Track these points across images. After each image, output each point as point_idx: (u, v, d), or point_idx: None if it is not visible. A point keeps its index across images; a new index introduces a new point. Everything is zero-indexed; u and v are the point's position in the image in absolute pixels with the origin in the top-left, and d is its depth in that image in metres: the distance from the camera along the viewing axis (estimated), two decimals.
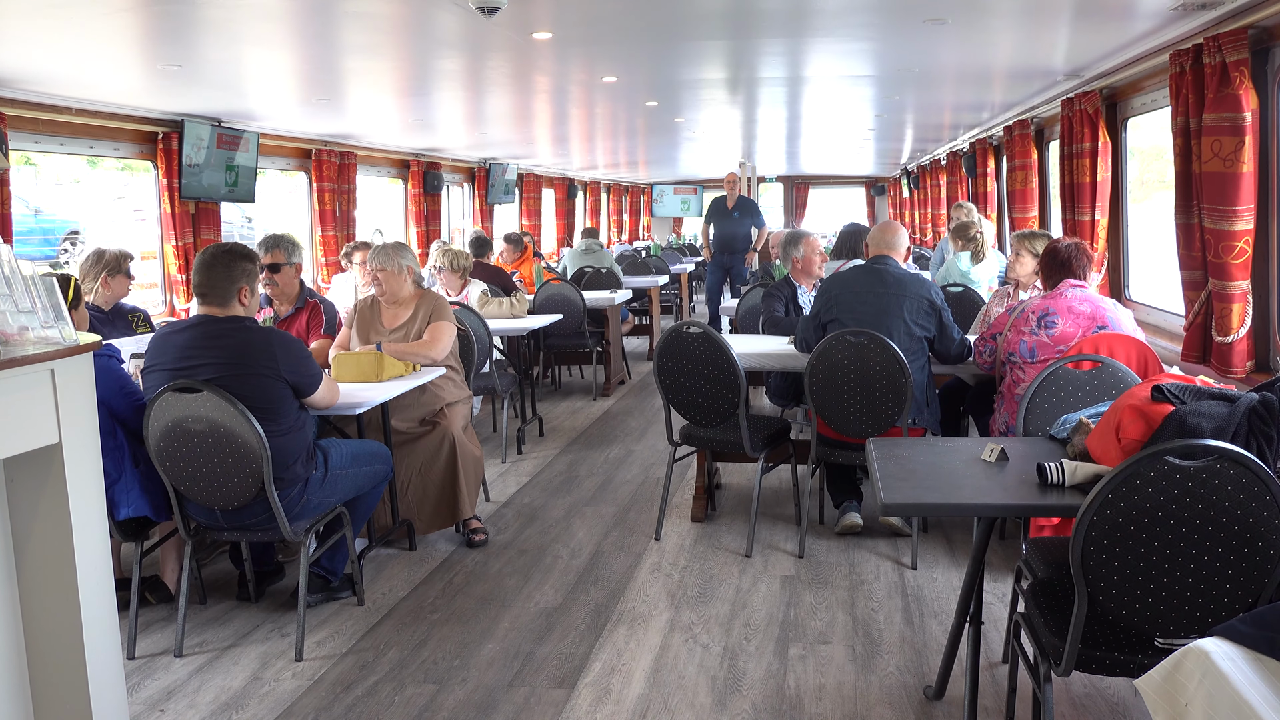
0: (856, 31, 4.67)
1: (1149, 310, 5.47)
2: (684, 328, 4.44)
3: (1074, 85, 5.97)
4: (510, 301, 6.83)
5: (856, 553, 4.39)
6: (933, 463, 2.82)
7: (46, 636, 2.45)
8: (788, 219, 20.17)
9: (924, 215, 14.03)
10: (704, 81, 6.34)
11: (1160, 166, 8.23)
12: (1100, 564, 2.22)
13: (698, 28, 4.53)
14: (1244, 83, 3.76)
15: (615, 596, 3.98)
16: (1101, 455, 2.60)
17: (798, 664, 3.37)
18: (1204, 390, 2.57)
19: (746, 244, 10.50)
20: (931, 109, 8.36)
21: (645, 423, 7.13)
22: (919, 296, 4.31)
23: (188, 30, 4.03)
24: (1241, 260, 3.86)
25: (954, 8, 4.08)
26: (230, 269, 3.46)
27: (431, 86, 6.06)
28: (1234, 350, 3.94)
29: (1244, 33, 3.77)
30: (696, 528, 4.78)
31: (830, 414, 4.25)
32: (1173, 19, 4.22)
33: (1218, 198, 3.87)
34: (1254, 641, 1.71)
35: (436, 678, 3.31)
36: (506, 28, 4.26)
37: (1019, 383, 4.01)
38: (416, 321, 4.59)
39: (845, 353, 4.15)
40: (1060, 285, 4.07)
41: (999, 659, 3.35)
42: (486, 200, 12.00)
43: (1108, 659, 2.34)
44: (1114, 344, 3.77)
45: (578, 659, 3.44)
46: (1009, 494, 2.58)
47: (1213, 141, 3.87)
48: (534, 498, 5.32)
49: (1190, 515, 2.16)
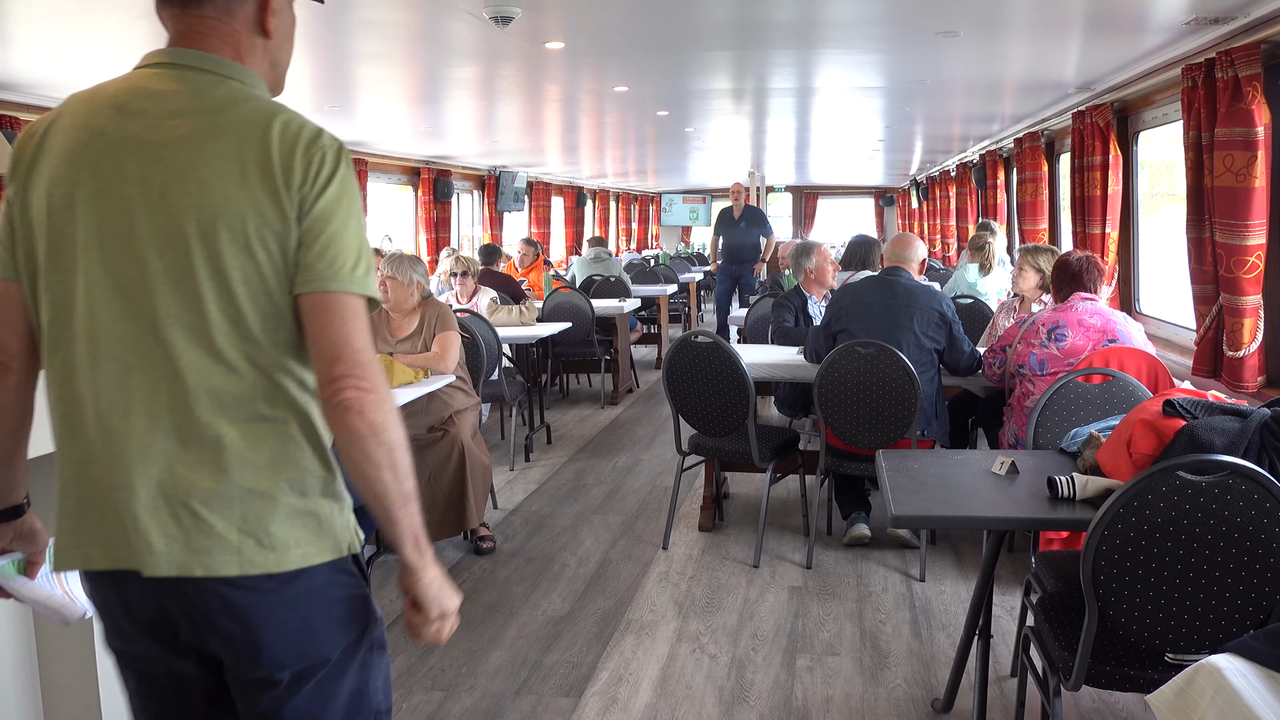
0: (867, 43, 4.69)
1: (1159, 324, 5.46)
2: (693, 337, 4.45)
3: (1085, 98, 5.97)
4: (519, 309, 6.84)
5: (865, 564, 4.38)
6: (942, 475, 2.82)
7: (57, 635, 2.46)
8: (796, 229, 20.18)
9: (933, 226, 14.02)
10: (714, 92, 6.36)
11: (1170, 179, 8.23)
12: (1111, 578, 2.21)
13: (709, 39, 4.54)
14: (1257, 97, 3.76)
15: (623, 605, 3.98)
16: (1112, 469, 2.59)
17: (805, 675, 3.36)
18: (1215, 405, 2.56)
19: (754, 254, 10.50)
20: (941, 120, 8.37)
21: (653, 431, 7.13)
22: (929, 308, 4.30)
23: None
24: (1253, 275, 3.85)
25: (966, 20, 4.09)
26: None
27: (443, 94, 6.08)
28: (1245, 365, 3.93)
29: (1257, 47, 3.77)
30: (704, 537, 4.77)
31: (839, 425, 4.24)
32: (1185, 33, 4.23)
33: (1229, 212, 3.86)
34: (1267, 658, 1.70)
35: (444, 685, 3.31)
36: (519, 37, 4.28)
37: (1029, 395, 4.00)
38: (423, 332, 4.61)
39: (855, 363, 4.15)
40: (1071, 298, 4.06)
41: (1008, 673, 3.33)
42: (496, 208, 12.03)
43: (1118, 674, 2.33)
44: (1124, 358, 3.76)
45: (585, 668, 3.44)
46: (1019, 507, 2.58)
47: (1225, 156, 3.86)
48: (542, 505, 5.32)
49: (1202, 530, 2.15)
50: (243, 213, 1.37)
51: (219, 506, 1.38)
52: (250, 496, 1.39)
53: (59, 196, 1.41)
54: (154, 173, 1.38)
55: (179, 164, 1.38)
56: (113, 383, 1.39)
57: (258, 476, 1.40)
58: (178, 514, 1.38)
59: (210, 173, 1.37)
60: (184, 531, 1.37)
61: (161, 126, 1.39)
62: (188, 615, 1.42)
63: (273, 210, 1.37)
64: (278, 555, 1.40)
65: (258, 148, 1.38)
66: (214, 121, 1.40)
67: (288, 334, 1.42)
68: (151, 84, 1.43)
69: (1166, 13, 3.93)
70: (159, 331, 1.38)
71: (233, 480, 1.38)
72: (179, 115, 1.40)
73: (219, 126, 1.39)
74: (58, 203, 1.41)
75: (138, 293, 1.38)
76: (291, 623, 1.43)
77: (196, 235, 1.36)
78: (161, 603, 1.42)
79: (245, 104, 1.42)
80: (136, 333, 1.39)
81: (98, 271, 1.39)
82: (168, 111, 1.40)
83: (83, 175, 1.40)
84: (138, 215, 1.37)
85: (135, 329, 1.39)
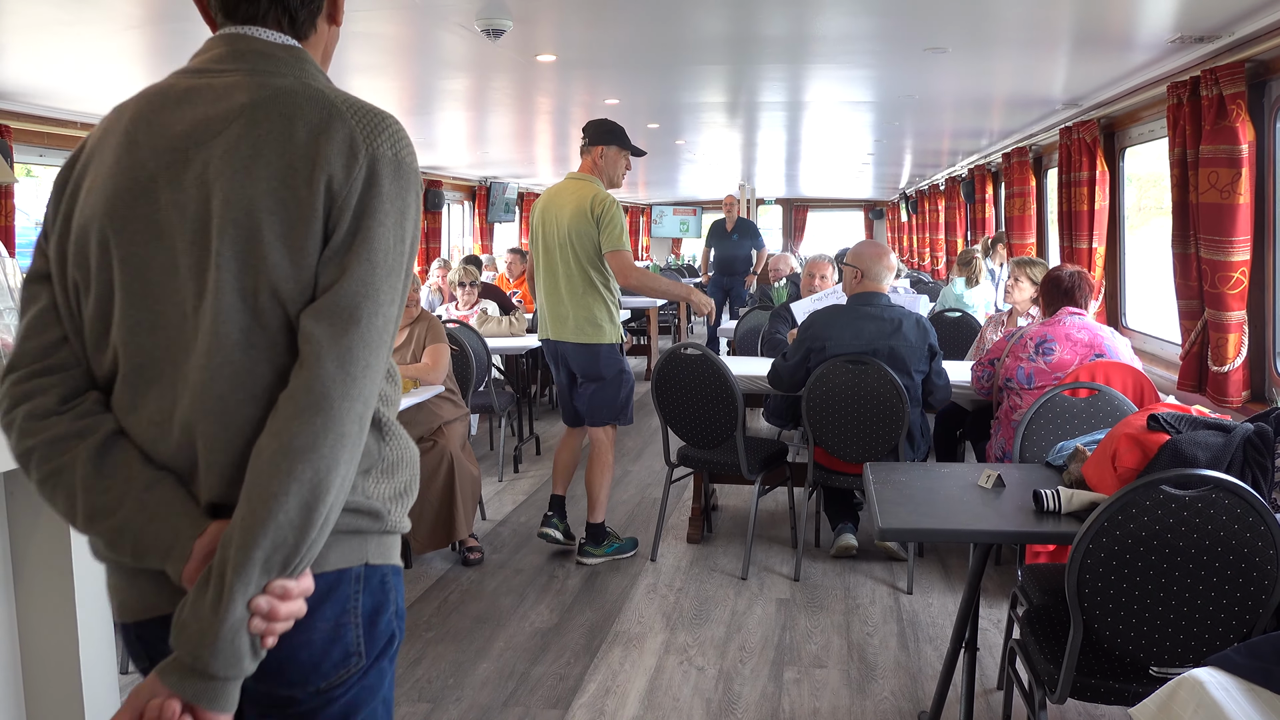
0: (857, 59, 4.72)
1: (1145, 338, 5.50)
2: (682, 349, 4.46)
3: (1072, 114, 6.02)
4: (509, 320, 6.85)
5: (852, 577, 4.39)
6: (929, 488, 2.83)
7: (43, 650, 2.45)
8: (786, 241, 20.24)
9: (922, 240, 14.08)
10: (705, 105, 6.39)
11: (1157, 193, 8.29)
12: (1095, 591, 2.23)
13: (700, 53, 4.57)
14: (1241, 115, 3.80)
15: (610, 617, 3.97)
16: (1097, 483, 2.61)
17: (792, 688, 3.36)
18: (1199, 420, 2.58)
19: (746, 266, 10.53)
20: (931, 135, 8.42)
21: (642, 443, 7.13)
22: (923, 346, 4.21)
23: (195, 48, 4.06)
24: (1238, 291, 3.88)
25: (954, 37, 4.12)
26: None
27: (435, 106, 6.10)
28: (1230, 380, 3.96)
29: (1241, 66, 3.81)
30: (692, 549, 4.78)
31: (827, 439, 4.25)
32: (1171, 51, 4.27)
33: (1214, 228, 3.90)
34: (1248, 672, 1.72)
35: (430, 696, 3.30)
36: (511, 50, 4.30)
37: (1016, 409, 4.02)
38: (413, 343, 4.64)
39: (842, 379, 4.16)
40: (1059, 313, 4.09)
41: (994, 685, 3.34)
42: (487, 218, 12.04)
43: (1102, 687, 2.34)
44: (1110, 372, 3.79)
45: (572, 680, 3.44)
46: (1005, 520, 2.59)
47: (1210, 173, 3.90)
48: (530, 517, 5.31)
49: (1185, 544, 2.17)
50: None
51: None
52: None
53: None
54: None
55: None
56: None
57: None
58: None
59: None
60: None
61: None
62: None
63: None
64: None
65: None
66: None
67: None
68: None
69: (1152, 31, 3.97)
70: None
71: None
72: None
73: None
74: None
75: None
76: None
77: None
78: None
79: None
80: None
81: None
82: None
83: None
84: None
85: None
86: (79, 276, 1.28)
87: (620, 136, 4.53)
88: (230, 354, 1.20)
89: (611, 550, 4.60)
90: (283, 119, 1.22)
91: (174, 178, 1.24)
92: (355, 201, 1.21)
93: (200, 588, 1.15)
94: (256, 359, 1.21)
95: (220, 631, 1.12)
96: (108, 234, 1.25)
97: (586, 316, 4.37)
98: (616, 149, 4.51)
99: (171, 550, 1.20)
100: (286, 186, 1.20)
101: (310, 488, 1.14)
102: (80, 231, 1.28)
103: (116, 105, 1.36)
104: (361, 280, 1.20)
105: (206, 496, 1.22)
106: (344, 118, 1.23)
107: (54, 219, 1.32)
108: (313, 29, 1.36)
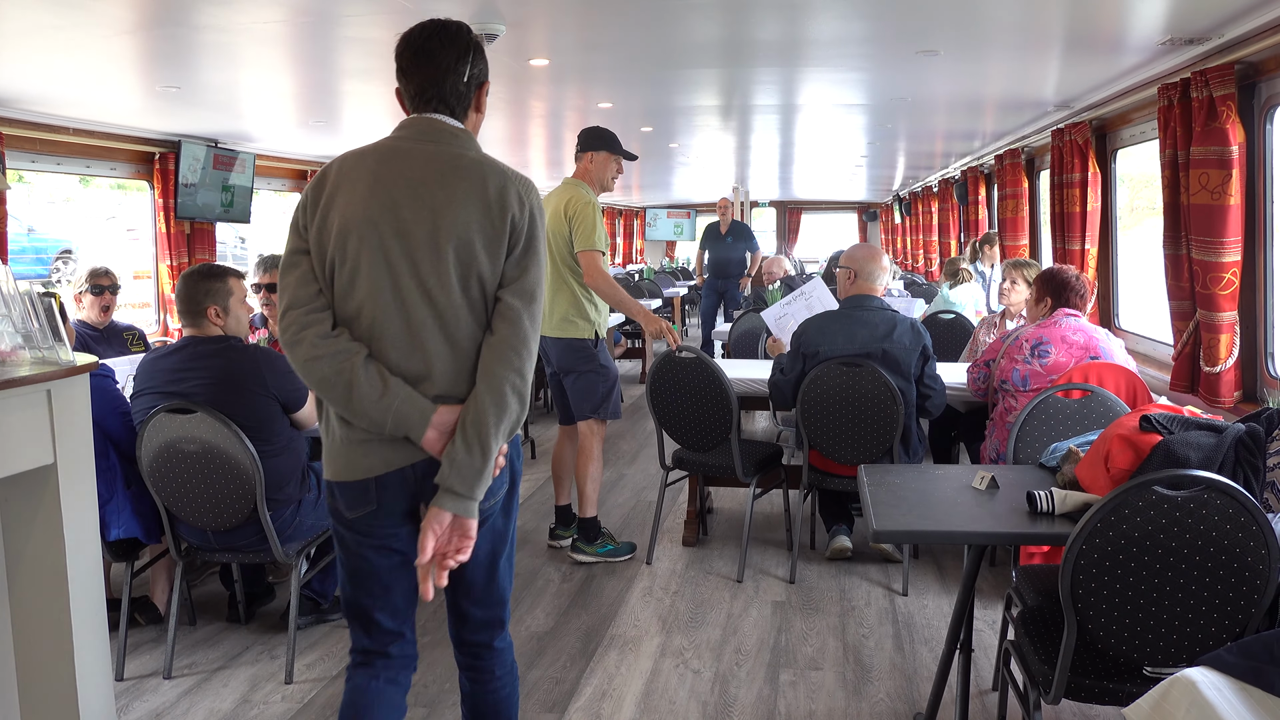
0: (850, 62, 4.73)
1: (1138, 339, 5.52)
2: (677, 352, 4.46)
3: (1064, 116, 6.04)
4: None
5: (847, 579, 4.40)
6: (924, 490, 2.84)
7: (37, 656, 2.45)
8: (780, 244, 20.27)
9: (915, 242, 14.11)
10: (699, 108, 6.40)
11: (1150, 194, 8.34)
12: (1089, 592, 2.24)
13: (693, 56, 4.58)
14: (1231, 117, 3.82)
15: (606, 621, 3.98)
16: (1090, 484, 2.62)
17: (788, 690, 3.37)
18: (1192, 420, 2.59)
19: (740, 269, 10.55)
20: (923, 137, 8.44)
21: (637, 446, 7.14)
22: (917, 349, 4.20)
23: (187, 53, 4.06)
24: (1229, 291, 3.90)
25: (946, 40, 4.14)
26: (195, 289, 3.48)
27: None
28: (1222, 380, 3.98)
29: (1231, 68, 3.83)
30: (688, 552, 4.78)
31: (822, 442, 4.26)
32: (1161, 53, 4.29)
33: (1205, 229, 3.91)
34: (1240, 671, 1.73)
35: (427, 701, 3.30)
36: (504, 54, 4.30)
37: (1010, 410, 4.03)
38: None
39: (836, 381, 4.16)
40: (1056, 314, 4.09)
41: (989, 686, 3.35)
42: None
43: (1096, 687, 2.35)
44: (1104, 373, 3.81)
45: (568, 683, 3.44)
46: (999, 522, 2.60)
47: (1200, 174, 3.92)
48: (525, 520, 5.31)
49: (1178, 545, 2.18)
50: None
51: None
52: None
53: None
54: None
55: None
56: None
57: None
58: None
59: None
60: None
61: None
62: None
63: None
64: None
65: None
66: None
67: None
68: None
69: (1143, 33, 3.99)
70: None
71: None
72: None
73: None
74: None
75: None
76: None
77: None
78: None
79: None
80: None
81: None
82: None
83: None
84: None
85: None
86: (337, 256, 2.02)
87: (610, 142, 4.60)
88: (456, 312, 2.02)
89: (605, 551, 4.61)
90: (479, 179, 2.04)
91: (410, 203, 2.01)
92: (526, 229, 2.05)
93: (468, 446, 1.95)
94: (467, 316, 2.03)
95: (485, 470, 1.96)
96: (364, 232, 2.00)
97: (563, 313, 4.53)
98: (606, 154, 4.60)
99: (419, 424, 1.99)
100: (487, 218, 2.02)
101: (520, 388, 2.00)
102: (341, 227, 2.01)
103: (354, 151, 2.11)
104: (535, 275, 2.06)
105: (434, 391, 2.01)
106: (512, 181, 2.07)
107: (312, 216, 2.05)
108: (465, 116, 2.17)
